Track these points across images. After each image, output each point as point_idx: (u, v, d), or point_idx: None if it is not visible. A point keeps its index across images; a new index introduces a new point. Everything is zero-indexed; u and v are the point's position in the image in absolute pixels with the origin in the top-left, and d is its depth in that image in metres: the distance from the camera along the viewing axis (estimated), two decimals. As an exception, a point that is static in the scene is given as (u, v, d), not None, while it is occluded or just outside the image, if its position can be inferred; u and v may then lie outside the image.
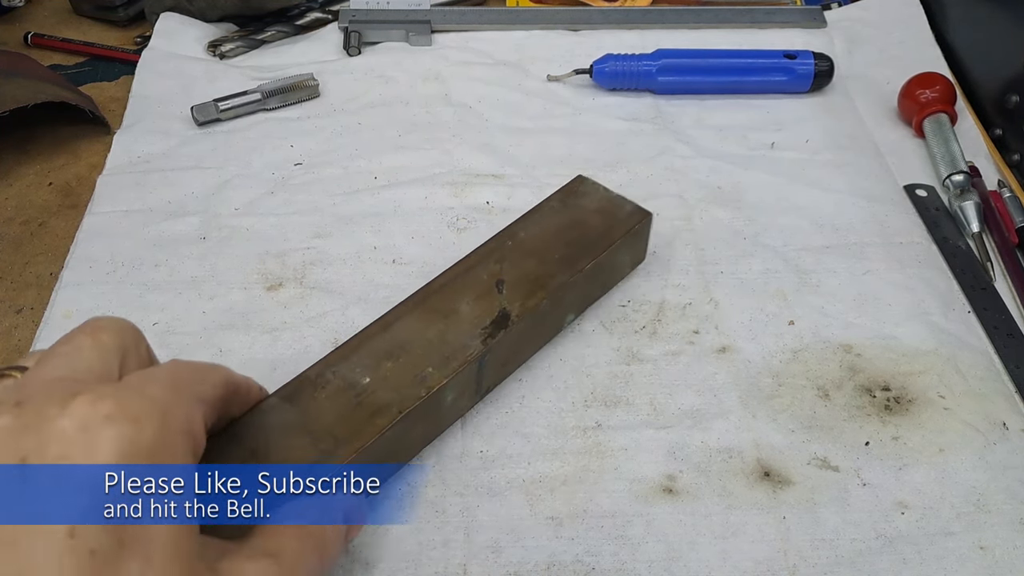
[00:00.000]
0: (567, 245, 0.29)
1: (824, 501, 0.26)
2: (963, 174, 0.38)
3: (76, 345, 0.18)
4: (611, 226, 0.30)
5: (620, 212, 0.31)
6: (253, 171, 0.39)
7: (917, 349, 0.31)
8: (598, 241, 0.29)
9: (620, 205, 0.31)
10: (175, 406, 0.17)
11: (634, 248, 0.31)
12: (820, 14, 0.49)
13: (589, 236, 0.29)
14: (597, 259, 0.29)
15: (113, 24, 0.51)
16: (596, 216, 0.30)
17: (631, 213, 0.31)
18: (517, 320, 0.26)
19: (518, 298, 0.27)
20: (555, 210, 0.31)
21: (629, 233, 0.30)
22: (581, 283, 0.29)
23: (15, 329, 0.32)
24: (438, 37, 0.48)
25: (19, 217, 0.38)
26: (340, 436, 0.22)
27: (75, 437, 0.15)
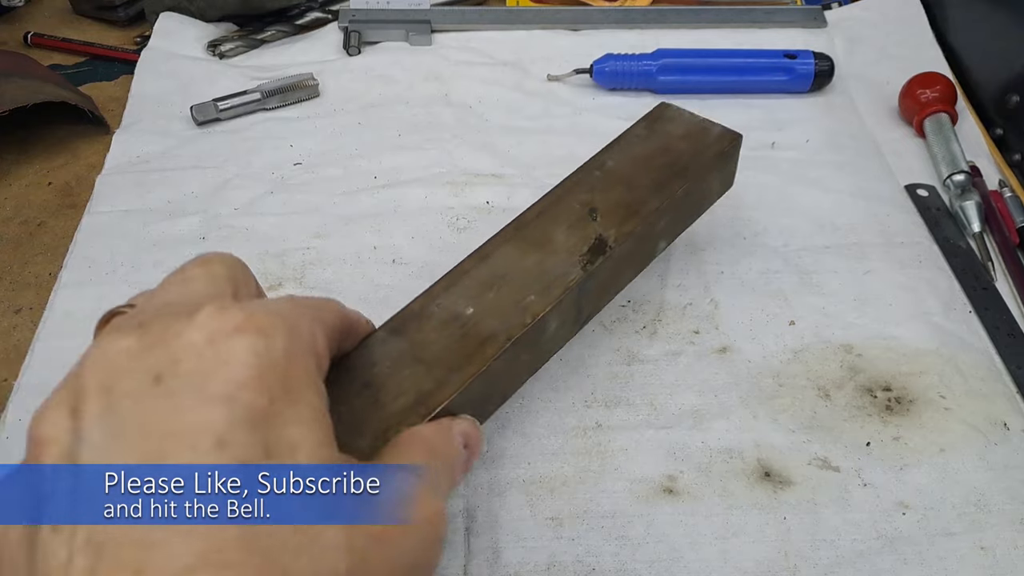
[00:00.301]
0: (657, 171, 0.28)
1: (825, 501, 0.26)
2: (964, 174, 0.38)
3: (187, 275, 0.18)
4: (700, 150, 0.29)
5: (708, 136, 0.30)
6: (253, 171, 0.39)
7: (918, 349, 0.31)
8: (689, 165, 0.29)
9: (708, 129, 0.30)
10: (301, 322, 0.17)
11: (723, 172, 0.31)
12: (820, 14, 0.49)
13: (679, 161, 0.29)
14: (688, 184, 0.28)
15: (113, 24, 0.51)
16: (684, 141, 0.30)
17: (720, 135, 0.30)
18: (615, 246, 0.26)
19: (613, 225, 0.27)
20: (641, 138, 0.30)
21: (719, 156, 0.29)
22: (673, 209, 0.28)
23: (14, 329, 0.32)
24: (438, 37, 0.48)
25: (18, 217, 0.38)
26: (452, 365, 0.22)
27: (205, 350, 0.15)
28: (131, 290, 0.33)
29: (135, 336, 0.15)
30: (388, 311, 0.33)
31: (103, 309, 0.32)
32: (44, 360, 0.30)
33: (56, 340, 0.31)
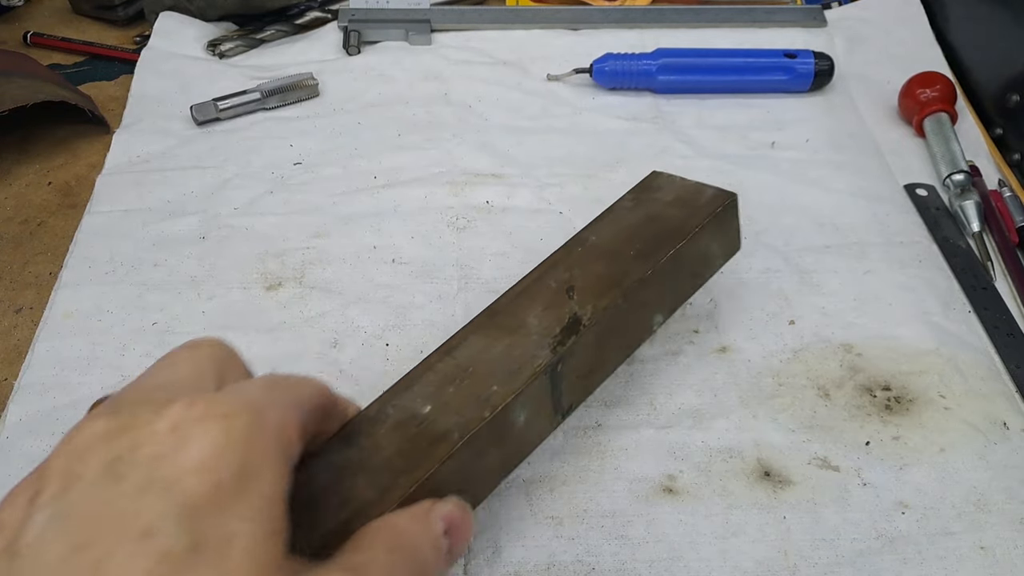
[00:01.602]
0: (644, 241, 0.26)
1: (825, 501, 0.26)
2: (963, 173, 0.38)
3: (172, 359, 0.18)
4: (691, 214, 0.27)
5: (700, 198, 0.28)
6: (252, 171, 0.39)
7: (918, 349, 0.31)
8: (678, 231, 0.26)
9: (700, 192, 0.28)
10: (269, 407, 0.16)
11: (722, 233, 0.28)
12: (820, 13, 0.49)
13: (667, 228, 0.27)
14: (677, 249, 0.26)
15: (112, 23, 0.51)
16: (673, 207, 0.27)
17: (712, 197, 0.28)
18: (590, 324, 0.24)
19: (590, 300, 0.24)
20: (628, 209, 0.28)
21: (712, 217, 0.27)
22: (662, 278, 0.26)
23: (14, 329, 0.32)
24: (438, 36, 0.48)
25: (18, 217, 0.38)
26: (399, 469, 0.20)
27: (166, 437, 0.15)
28: (131, 290, 0.33)
29: (105, 421, 0.15)
30: (388, 311, 0.33)
31: (103, 309, 0.33)
32: (44, 360, 0.30)
33: (56, 340, 0.31)
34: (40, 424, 0.28)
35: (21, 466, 0.27)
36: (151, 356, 0.30)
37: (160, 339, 0.31)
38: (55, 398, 0.29)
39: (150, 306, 0.32)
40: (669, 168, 0.40)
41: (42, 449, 0.28)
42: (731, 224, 0.28)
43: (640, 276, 0.25)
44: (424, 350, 0.31)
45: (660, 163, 0.40)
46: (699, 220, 0.27)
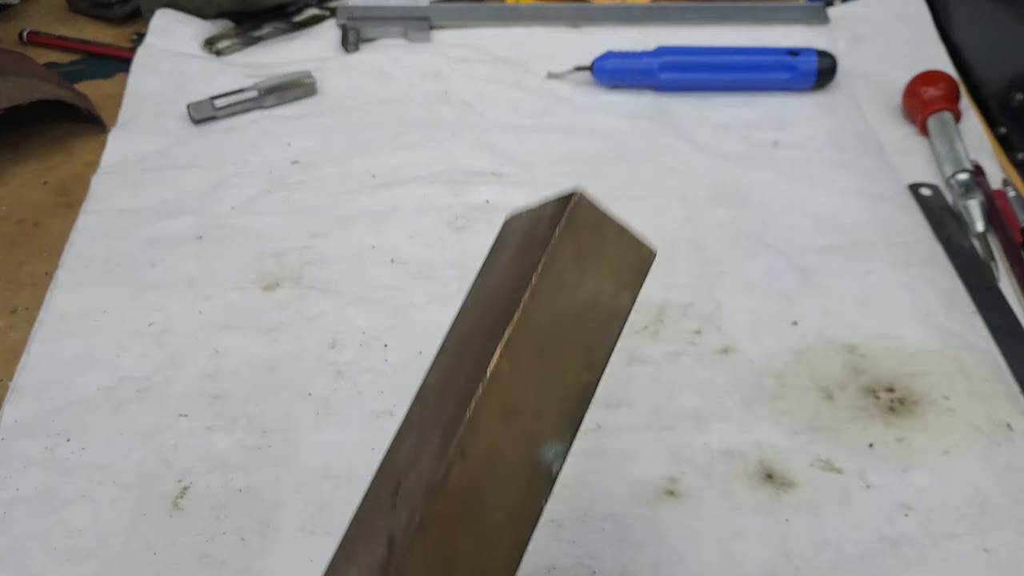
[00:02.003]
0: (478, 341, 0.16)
1: (827, 503, 0.26)
2: (967, 173, 0.37)
3: None
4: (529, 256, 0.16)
5: (540, 224, 0.17)
6: (250, 170, 0.39)
7: (921, 350, 0.31)
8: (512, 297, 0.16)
9: (540, 215, 0.17)
10: None
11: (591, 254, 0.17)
12: (823, 11, 0.49)
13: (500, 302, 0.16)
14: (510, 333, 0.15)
15: (109, 21, 0.50)
16: (514, 264, 0.17)
17: (552, 212, 0.17)
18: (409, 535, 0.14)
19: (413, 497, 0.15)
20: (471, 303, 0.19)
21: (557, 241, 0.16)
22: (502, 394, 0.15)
23: (10, 329, 0.32)
24: (437, 34, 0.48)
25: (14, 216, 0.37)
26: None
27: None
28: (127, 290, 0.33)
29: None
30: (386, 311, 0.33)
31: (99, 309, 0.32)
32: (40, 360, 0.30)
33: (52, 340, 0.31)
34: (36, 425, 0.28)
35: (17, 467, 0.27)
36: (148, 357, 0.30)
37: (157, 340, 0.31)
38: (51, 399, 0.29)
39: (147, 306, 0.32)
40: (671, 167, 0.40)
41: (38, 451, 0.27)
42: (601, 231, 0.17)
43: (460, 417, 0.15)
44: (423, 351, 0.31)
45: (662, 162, 0.40)
46: (539, 255, 0.16)
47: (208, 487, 0.26)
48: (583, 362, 0.17)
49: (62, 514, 0.26)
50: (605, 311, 0.17)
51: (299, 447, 0.28)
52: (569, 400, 0.16)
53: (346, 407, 0.29)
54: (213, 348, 0.31)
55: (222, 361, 0.30)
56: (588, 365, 0.17)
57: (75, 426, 0.28)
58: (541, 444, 0.15)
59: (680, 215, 0.37)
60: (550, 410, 0.16)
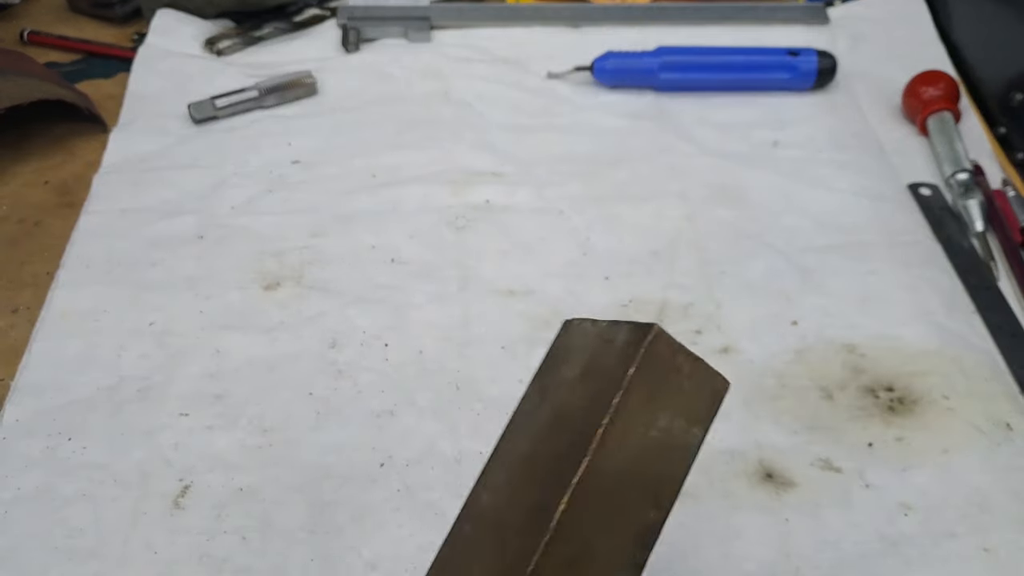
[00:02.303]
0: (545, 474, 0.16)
1: (827, 503, 0.26)
2: (967, 173, 0.37)
3: None
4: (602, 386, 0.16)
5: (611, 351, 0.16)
6: (250, 169, 0.39)
7: (921, 349, 0.31)
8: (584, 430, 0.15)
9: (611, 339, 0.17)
10: None
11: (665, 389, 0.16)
12: (823, 11, 0.49)
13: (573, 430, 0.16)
14: (582, 474, 0.15)
15: (109, 21, 0.50)
16: (582, 384, 0.17)
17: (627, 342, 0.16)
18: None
19: None
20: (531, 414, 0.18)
21: (635, 375, 0.16)
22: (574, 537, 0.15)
23: (11, 329, 0.32)
24: (437, 34, 0.48)
25: (15, 216, 0.37)
26: None
27: None
28: (128, 289, 0.33)
29: None
30: (387, 311, 0.33)
31: (100, 309, 0.32)
32: (41, 360, 0.30)
33: (53, 340, 0.31)
34: (37, 424, 0.28)
35: (18, 466, 0.27)
36: (148, 356, 0.30)
37: (158, 340, 0.31)
38: (52, 398, 0.29)
39: (147, 306, 0.32)
40: (671, 167, 0.40)
41: (39, 450, 0.27)
42: (676, 366, 0.17)
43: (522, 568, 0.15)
44: (423, 351, 0.31)
45: (662, 161, 0.40)
46: (612, 393, 0.15)
47: (209, 486, 0.26)
48: (650, 501, 0.16)
49: (63, 513, 0.26)
50: (676, 447, 0.16)
51: (299, 446, 0.28)
52: (636, 540, 0.16)
53: (346, 407, 0.29)
54: (214, 348, 0.31)
55: (223, 361, 0.30)
56: (655, 504, 0.16)
57: (76, 425, 0.28)
58: None
59: (680, 215, 0.37)
60: (615, 553, 0.16)
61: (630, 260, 0.34)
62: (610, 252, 0.35)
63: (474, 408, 0.29)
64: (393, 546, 0.25)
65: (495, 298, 0.33)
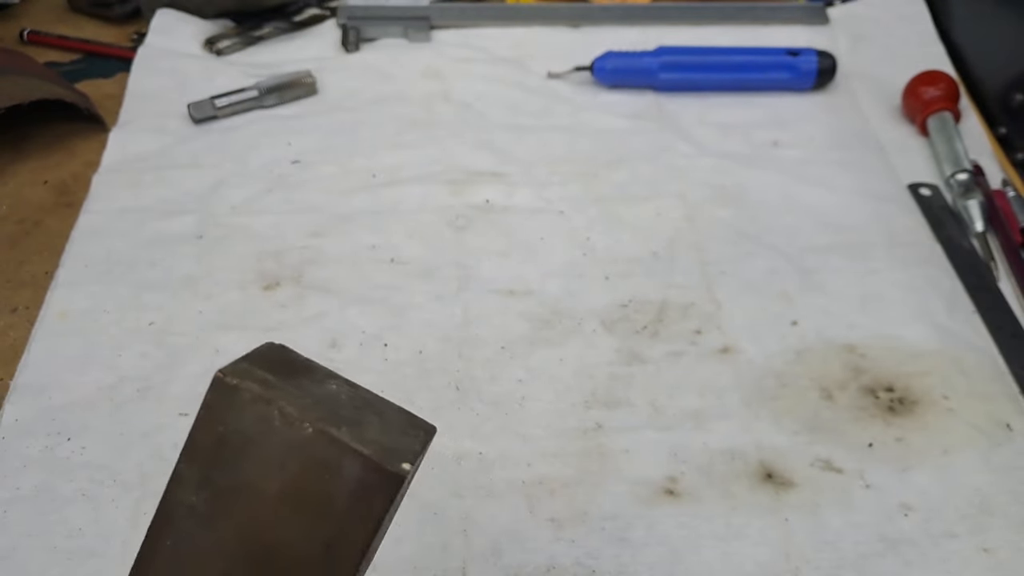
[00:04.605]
0: None
1: (827, 503, 0.26)
2: (967, 173, 0.37)
3: None
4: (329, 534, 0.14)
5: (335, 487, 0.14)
6: (250, 169, 0.39)
7: (921, 350, 0.31)
8: None
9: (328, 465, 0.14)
10: None
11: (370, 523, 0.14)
12: (823, 11, 0.49)
13: None
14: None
15: (109, 21, 0.50)
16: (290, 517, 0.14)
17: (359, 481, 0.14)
18: None
19: None
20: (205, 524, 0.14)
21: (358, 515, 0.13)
22: None
23: (10, 329, 0.32)
24: (437, 34, 0.48)
25: (14, 215, 0.37)
26: None
27: None
28: (127, 289, 0.33)
29: None
30: (386, 311, 0.33)
31: (99, 308, 0.32)
32: (40, 359, 0.30)
33: (52, 339, 0.31)
34: (36, 424, 0.28)
35: (17, 466, 0.27)
36: (148, 356, 0.30)
37: (157, 339, 0.31)
38: (51, 398, 0.29)
39: (147, 306, 0.32)
40: (671, 167, 0.40)
41: (38, 449, 0.27)
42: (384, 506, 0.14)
43: None
44: (423, 350, 0.31)
45: (662, 161, 0.40)
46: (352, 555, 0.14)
47: (208, 486, 0.26)
48: None
49: (62, 513, 0.26)
50: None
51: (299, 446, 0.28)
52: None
53: (346, 406, 0.29)
54: (213, 347, 0.31)
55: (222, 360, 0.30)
56: None
57: (75, 425, 0.28)
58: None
59: (680, 215, 0.37)
60: None
61: (630, 260, 0.34)
62: (610, 252, 0.35)
63: (474, 408, 0.29)
64: (393, 546, 0.25)
65: (495, 298, 0.33)
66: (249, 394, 0.14)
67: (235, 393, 0.14)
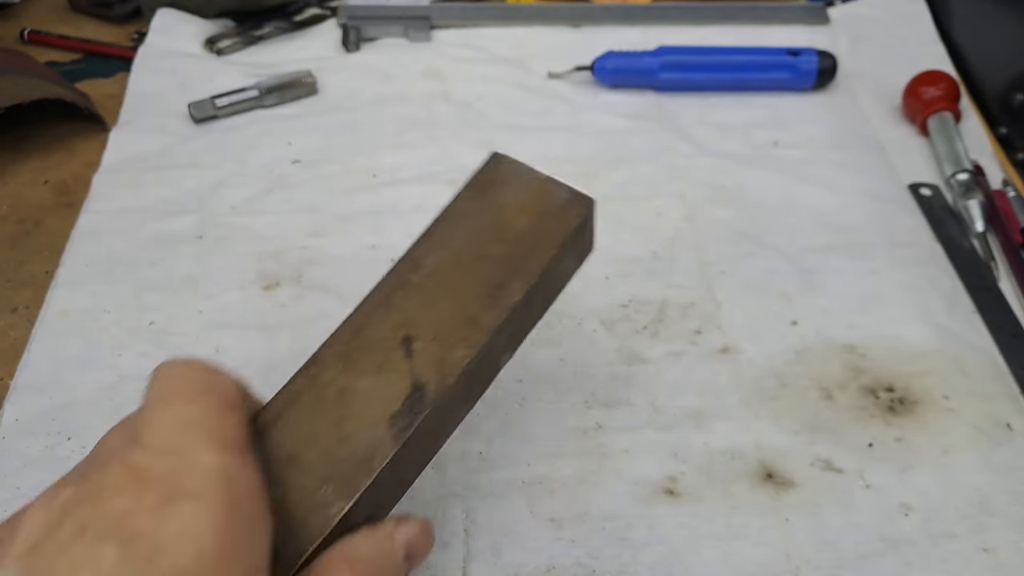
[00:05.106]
0: (491, 266, 0.21)
1: (827, 503, 0.26)
2: (967, 173, 0.37)
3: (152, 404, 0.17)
4: (544, 227, 0.22)
5: (553, 203, 0.22)
6: (250, 169, 0.39)
7: (921, 350, 0.31)
8: (530, 253, 0.21)
9: (551, 193, 0.23)
10: (238, 474, 0.16)
11: (579, 246, 0.23)
12: (823, 11, 0.49)
13: (518, 248, 0.22)
14: (533, 280, 0.21)
15: (110, 20, 0.50)
16: (523, 215, 0.22)
17: (567, 203, 0.22)
18: (437, 395, 0.19)
19: (434, 362, 0.20)
20: (468, 214, 0.23)
21: (571, 233, 0.22)
22: (516, 318, 0.21)
23: (10, 328, 0.32)
24: (437, 33, 0.48)
25: (14, 215, 0.37)
26: None
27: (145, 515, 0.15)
28: (127, 289, 0.33)
29: (75, 486, 0.16)
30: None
31: (99, 308, 0.32)
32: (40, 359, 0.30)
33: (52, 339, 0.31)
34: (36, 424, 0.28)
35: (17, 466, 0.27)
36: (148, 356, 0.30)
37: (158, 339, 0.31)
38: (51, 398, 0.29)
39: (147, 306, 0.32)
40: (671, 167, 0.40)
41: (38, 449, 0.27)
42: (588, 232, 0.23)
43: (494, 324, 0.20)
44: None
45: (662, 162, 0.40)
46: (555, 238, 0.22)
47: (208, 486, 0.26)
48: (545, 307, 0.24)
49: (62, 513, 0.26)
50: (566, 275, 0.24)
51: (299, 446, 0.28)
52: (529, 328, 0.23)
53: (346, 406, 0.29)
54: (213, 347, 0.31)
55: (222, 360, 0.30)
56: (546, 309, 0.24)
57: (76, 425, 0.28)
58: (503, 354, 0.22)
59: (680, 215, 0.37)
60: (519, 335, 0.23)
61: (630, 260, 0.34)
62: (610, 252, 0.35)
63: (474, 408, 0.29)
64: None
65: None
66: (508, 159, 0.24)
67: (503, 158, 0.24)
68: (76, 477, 0.16)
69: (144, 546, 0.14)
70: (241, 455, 0.17)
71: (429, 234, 0.23)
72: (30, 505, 0.16)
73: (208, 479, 0.16)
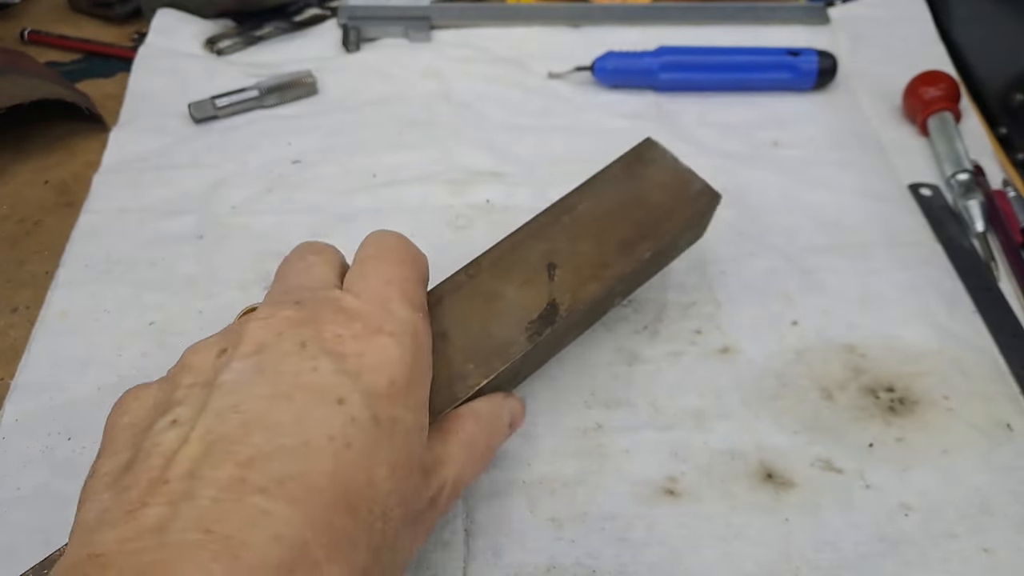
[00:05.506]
0: (629, 226, 0.26)
1: (827, 503, 0.26)
2: (968, 173, 0.37)
3: (308, 263, 0.22)
4: (676, 206, 0.27)
5: (687, 190, 0.27)
6: (250, 169, 0.39)
7: (921, 350, 0.31)
8: (661, 223, 0.26)
9: (688, 181, 0.28)
10: (422, 328, 0.21)
11: (695, 230, 0.29)
12: (823, 11, 0.49)
13: (652, 218, 0.26)
14: (659, 246, 0.26)
15: (110, 20, 0.50)
16: (661, 192, 0.27)
17: (699, 192, 0.27)
18: (566, 315, 0.24)
19: (569, 288, 0.24)
20: (617, 180, 0.27)
21: (695, 216, 0.27)
22: (637, 272, 0.26)
23: (10, 328, 0.32)
24: (437, 33, 0.48)
25: (14, 215, 0.37)
26: None
27: (351, 342, 0.19)
28: (128, 289, 0.33)
29: (293, 309, 0.19)
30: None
31: (99, 308, 0.32)
32: (40, 359, 0.30)
33: (52, 339, 0.31)
34: (36, 424, 0.28)
35: (17, 466, 0.27)
36: (148, 356, 0.30)
37: (157, 339, 0.31)
38: (51, 398, 0.29)
39: (147, 306, 0.32)
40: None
41: (38, 449, 0.27)
42: (707, 220, 0.29)
43: (620, 271, 0.25)
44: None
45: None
46: (683, 216, 0.27)
47: (208, 486, 0.26)
48: (659, 269, 0.30)
49: (63, 513, 0.26)
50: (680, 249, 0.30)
51: (299, 446, 0.28)
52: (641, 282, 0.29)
53: (346, 406, 0.29)
54: (213, 347, 0.31)
55: (222, 360, 0.30)
56: (658, 271, 0.30)
57: (76, 425, 0.28)
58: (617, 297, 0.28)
59: (680, 215, 0.37)
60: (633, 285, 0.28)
61: (630, 260, 0.34)
62: (610, 252, 0.35)
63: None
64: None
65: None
66: (658, 144, 0.29)
67: (654, 143, 0.29)
68: (290, 304, 0.19)
69: (352, 364, 0.18)
70: (424, 318, 0.21)
71: (583, 188, 0.27)
72: (247, 318, 0.19)
73: (403, 326, 0.20)
